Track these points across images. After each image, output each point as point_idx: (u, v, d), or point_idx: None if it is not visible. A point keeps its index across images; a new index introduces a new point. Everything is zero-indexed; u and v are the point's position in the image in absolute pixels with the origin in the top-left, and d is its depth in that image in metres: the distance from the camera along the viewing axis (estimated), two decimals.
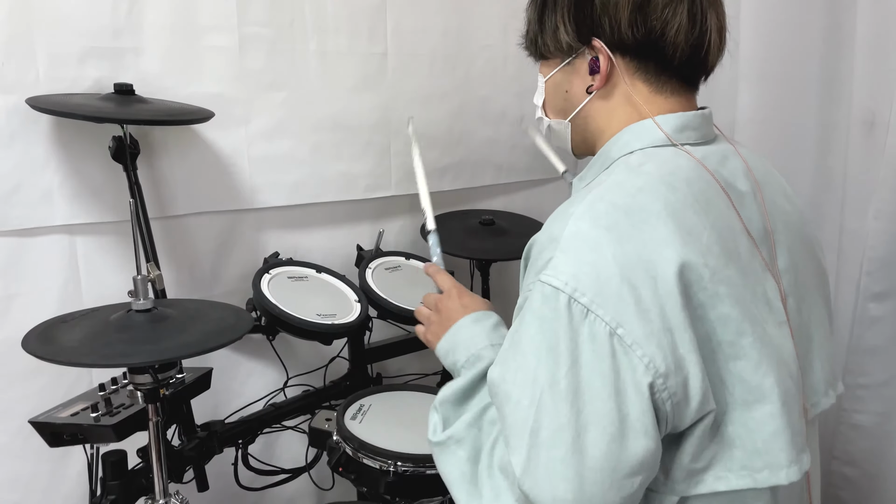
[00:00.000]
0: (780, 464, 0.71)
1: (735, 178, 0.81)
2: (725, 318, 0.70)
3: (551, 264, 0.69)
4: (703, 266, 0.69)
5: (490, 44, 1.89)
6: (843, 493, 1.64)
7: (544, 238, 0.73)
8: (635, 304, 0.66)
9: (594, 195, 0.73)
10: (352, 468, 1.21)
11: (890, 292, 1.51)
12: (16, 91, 1.26)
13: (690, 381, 0.67)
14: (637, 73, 0.81)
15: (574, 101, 0.86)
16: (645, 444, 0.66)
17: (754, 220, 0.80)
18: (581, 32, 0.81)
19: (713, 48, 0.80)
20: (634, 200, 0.71)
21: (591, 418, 0.65)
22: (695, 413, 0.68)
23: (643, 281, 0.67)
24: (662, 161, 0.77)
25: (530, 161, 2.05)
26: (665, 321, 0.66)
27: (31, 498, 1.38)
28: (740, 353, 0.70)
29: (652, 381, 0.65)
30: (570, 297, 0.67)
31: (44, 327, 1.08)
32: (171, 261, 1.48)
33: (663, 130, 0.78)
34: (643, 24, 0.77)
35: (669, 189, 0.73)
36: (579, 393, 0.66)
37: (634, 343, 0.65)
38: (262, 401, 1.59)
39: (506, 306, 0.74)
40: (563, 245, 0.69)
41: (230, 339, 1.09)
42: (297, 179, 1.63)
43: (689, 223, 0.71)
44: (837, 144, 1.58)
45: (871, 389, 1.56)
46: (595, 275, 0.67)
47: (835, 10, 1.53)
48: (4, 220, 1.29)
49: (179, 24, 1.42)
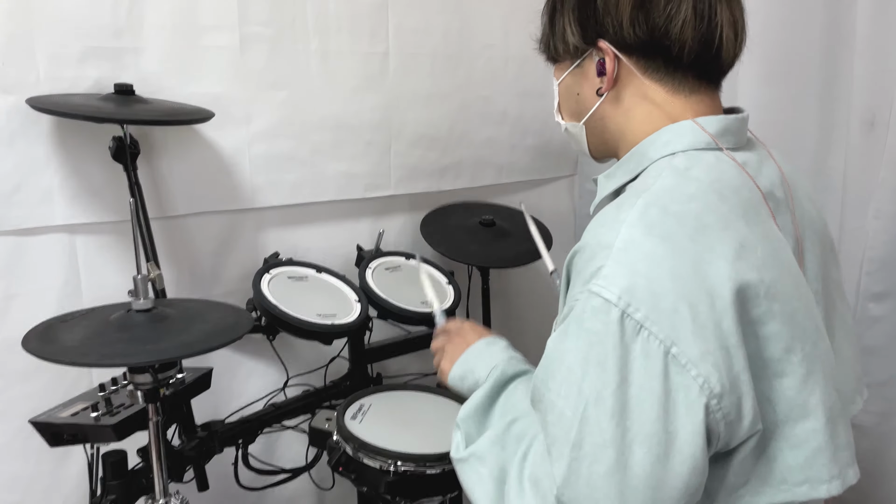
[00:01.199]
0: (821, 479, 0.70)
1: (772, 183, 0.78)
2: (777, 335, 0.68)
3: (602, 274, 0.66)
4: (759, 282, 0.67)
5: (491, 44, 1.89)
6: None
7: (593, 245, 0.70)
8: (691, 322, 0.63)
9: (645, 200, 0.70)
10: (352, 468, 1.21)
11: (890, 292, 1.51)
12: (16, 91, 1.26)
13: (744, 400, 0.65)
14: (647, 73, 0.78)
15: (586, 104, 0.84)
16: (691, 468, 0.64)
17: (788, 227, 0.78)
18: (586, 34, 0.80)
19: (726, 44, 0.77)
20: (688, 208, 0.69)
21: (638, 438, 0.63)
22: (746, 432, 0.67)
23: (699, 297, 0.64)
24: (708, 167, 0.74)
25: (530, 161, 2.05)
26: (721, 339, 0.64)
27: (31, 498, 1.38)
28: (787, 369, 0.68)
29: (707, 402, 0.63)
30: (623, 311, 0.64)
31: (44, 327, 1.08)
32: (171, 261, 1.48)
33: (708, 132, 0.76)
34: (645, 21, 0.75)
35: (720, 198, 0.70)
36: (627, 411, 0.63)
37: (689, 363, 0.63)
38: (263, 401, 1.59)
39: (506, 306, 0.73)
40: (615, 254, 0.66)
41: (230, 339, 1.09)
42: (297, 179, 1.63)
43: (743, 235, 0.69)
44: (837, 144, 1.58)
45: (871, 389, 1.54)
46: (650, 289, 0.64)
47: (835, 10, 1.53)
48: (4, 220, 1.29)
49: (180, 24, 1.42)
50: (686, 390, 0.63)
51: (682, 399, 0.63)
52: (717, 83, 0.82)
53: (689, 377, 0.63)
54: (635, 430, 0.63)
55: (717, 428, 0.65)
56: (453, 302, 1.63)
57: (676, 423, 0.63)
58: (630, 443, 0.63)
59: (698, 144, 0.76)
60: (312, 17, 1.59)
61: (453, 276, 1.73)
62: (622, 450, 0.63)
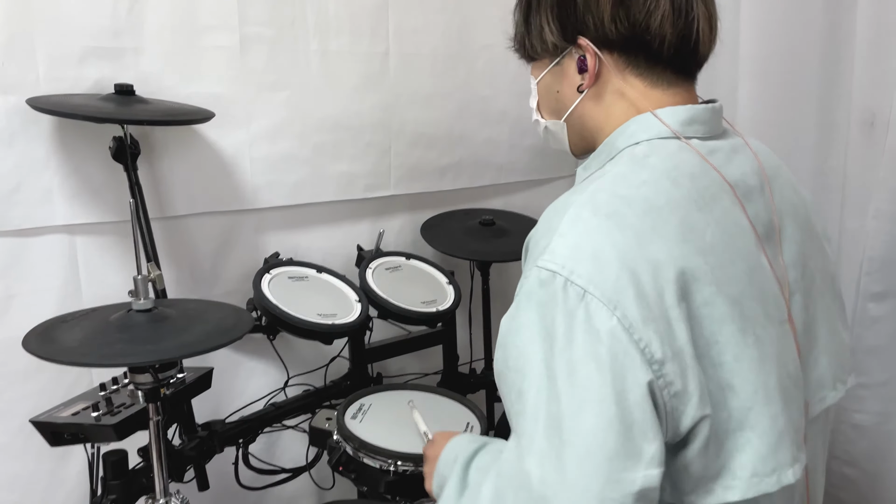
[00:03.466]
0: (786, 463, 0.70)
1: (743, 172, 0.79)
2: (728, 317, 0.69)
3: (548, 249, 0.68)
4: (703, 265, 0.68)
5: (491, 44, 1.89)
6: (843, 493, 1.63)
7: (542, 228, 0.73)
8: (634, 288, 0.65)
9: (596, 186, 0.73)
10: (352, 467, 1.21)
11: (890, 292, 1.51)
12: (16, 91, 1.26)
13: (688, 373, 0.66)
14: (628, 69, 0.80)
15: (566, 101, 0.85)
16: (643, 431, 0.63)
17: (762, 215, 0.79)
18: (566, 32, 0.81)
19: (703, 38, 0.79)
20: (638, 192, 0.71)
21: (588, 401, 0.63)
22: (694, 410, 0.66)
23: (642, 267, 0.66)
24: (668, 154, 0.76)
25: (530, 161, 2.05)
26: (662, 310, 0.65)
27: (32, 498, 1.38)
28: (744, 352, 0.69)
29: (649, 367, 0.64)
30: (566, 279, 0.65)
31: (44, 327, 1.08)
32: (171, 261, 1.48)
33: (666, 123, 0.77)
34: (626, 18, 0.77)
35: (673, 184, 0.72)
36: (574, 375, 0.64)
37: (631, 327, 0.64)
38: (263, 400, 1.59)
39: (506, 306, 0.73)
40: (561, 230, 0.69)
41: (230, 339, 1.09)
42: (297, 179, 1.64)
43: (692, 220, 0.70)
44: (837, 144, 1.58)
45: (871, 389, 1.56)
46: (593, 258, 0.66)
47: (835, 10, 1.53)
48: (4, 220, 1.29)
49: (180, 24, 1.42)
50: (630, 354, 0.64)
51: (628, 363, 0.64)
52: (693, 77, 0.83)
53: (632, 340, 0.64)
54: (583, 393, 0.64)
55: (662, 396, 0.65)
56: (453, 302, 1.63)
57: (625, 386, 0.63)
58: (580, 406, 0.63)
59: (663, 134, 0.78)
60: (312, 17, 1.59)
61: (453, 275, 1.73)
62: (574, 413, 0.63)
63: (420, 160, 1.84)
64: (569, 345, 0.65)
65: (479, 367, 1.89)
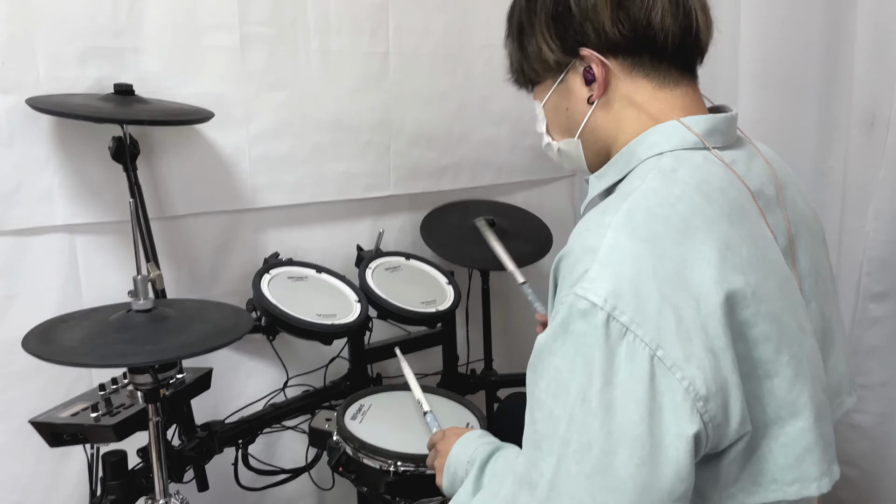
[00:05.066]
0: (811, 477, 0.70)
1: (762, 182, 0.79)
2: (765, 336, 0.68)
3: (587, 277, 0.66)
4: (745, 284, 0.67)
5: (491, 43, 1.88)
6: (843, 493, 1.63)
7: (578, 249, 0.69)
8: (676, 324, 0.63)
9: (631, 203, 0.70)
10: (352, 468, 1.21)
11: (890, 292, 1.51)
12: (16, 91, 1.26)
13: (731, 402, 0.65)
14: (635, 71, 0.79)
15: (577, 117, 0.83)
16: (675, 472, 0.63)
17: (780, 225, 0.78)
18: (566, 45, 0.80)
19: (702, 27, 0.79)
20: (674, 210, 0.69)
21: (623, 439, 0.63)
22: (734, 434, 0.66)
23: (684, 300, 0.64)
24: (695, 167, 0.74)
25: (530, 161, 2.05)
26: (707, 342, 0.64)
27: (31, 498, 1.38)
28: (777, 370, 0.68)
29: (693, 405, 0.63)
30: (608, 314, 0.64)
31: (44, 327, 1.08)
32: (171, 261, 1.48)
33: (695, 132, 0.76)
34: (627, 18, 0.76)
35: (706, 200, 0.70)
36: (612, 412, 0.63)
37: (675, 366, 0.63)
38: (263, 401, 1.59)
39: (506, 307, 0.73)
40: (600, 258, 0.66)
41: (230, 339, 1.09)
42: (297, 179, 1.63)
43: (728, 237, 0.69)
44: (837, 144, 1.58)
45: (871, 389, 1.56)
46: (635, 292, 0.64)
47: (835, 10, 1.53)
48: (4, 220, 1.29)
49: (180, 24, 1.42)
50: (671, 393, 0.63)
51: (668, 402, 0.63)
52: (694, 73, 0.82)
53: (675, 380, 0.63)
54: (619, 431, 0.63)
55: (705, 431, 0.65)
56: (453, 302, 1.63)
57: (662, 426, 0.63)
58: (615, 444, 0.63)
59: (686, 144, 0.76)
60: (312, 17, 1.59)
61: (453, 276, 1.73)
62: (606, 450, 0.63)
63: (420, 160, 1.83)
64: (608, 382, 0.64)
65: (478, 368, 1.89)
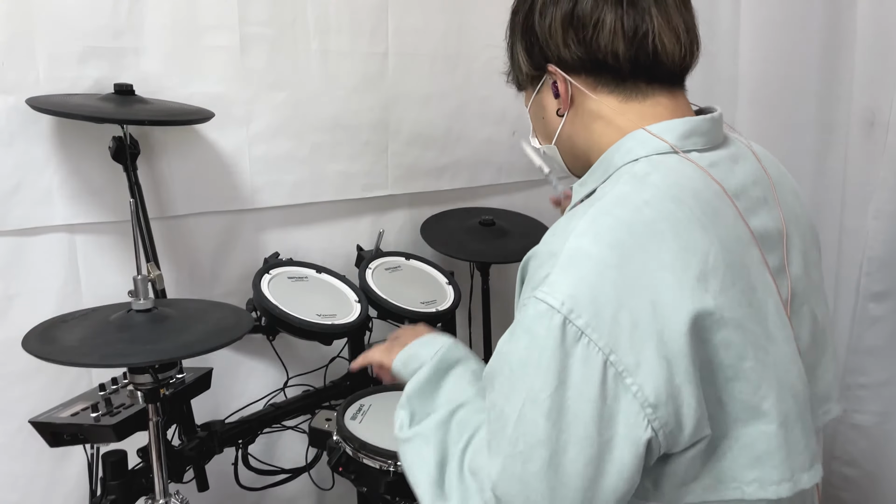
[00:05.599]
0: (770, 480, 0.70)
1: (747, 183, 0.78)
2: (727, 342, 0.68)
3: (548, 281, 0.67)
4: (704, 291, 0.67)
5: (490, 44, 1.87)
6: (843, 493, 1.64)
7: (544, 253, 0.71)
8: (631, 331, 0.65)
9: (598, 209, 0.71)
10: (352, 468, 1.21)
11: (890, 292, 1.51)
12: (16, 91, 1.26)
13: (684, 410, 0.66)
14: (599, 87, 0.79)
15: (552, 126, 0.86)
16: (619, 472, 0.65)
17: (769, 225, 0.78)
18: (534, 60, 0.83)
19: (667, 49, 0.76)
20: (640, 216, 0.69)
21: (571, 439, 0.65)
22: (688, 439, 0.67)
23: (641, 306, 0.65)
24: (668, 170, 0.74)
25: (530, 161, 2.04)
26: (661, 349, 0.65)
27: (31, 498, 1.38)
28: (740, 375, 0.69)
29: (641, 412, 0.65)
30: (565, 317, 0.65)
31: (44, 327, 1.08)
32: (171, 261, 1.48)
33: (662, 138, 0.76)
34: (577, 42, 0.77)
35: (676, 204, 0.70)
36: (563, 413, 0.65)
37: (626, 371, 0.64)
38: (263, 401, 1.59)
39: (506, 306, 0.73)
40: (561, 262, 0.68)
41: (230, 339, 1.09)
42: (297, 179, 1.63)
43: (695, 243, 0.69)
44: (837, 144, 1.58)
45: (871, 389, 1.56)
46: (592, 297, 0.65)
47: (835, 10, 1.53)
48: (4, 220, 1.29)
49: (180, 24, 1.42)
50: (622, 399, 0.65)
51: (618, 407, 0.65)
52: (672, 83, 0.81)
53: (624, 385, 0.65)
54: (570, 431, 0.65)
55: (655, 436, 0.66)
56: (453, 302, 1.63)
57: (612, 428, 0.65)
58: (564, 444, 0.65)
59: (662, 149, 0.76)
60: (312, 17, 1.59)
61: (453, 276, 1.73)
62: (556, 450, 0.65)
63: (418, 159, 1.83)
64: (562, 384, 0.65)
65: None
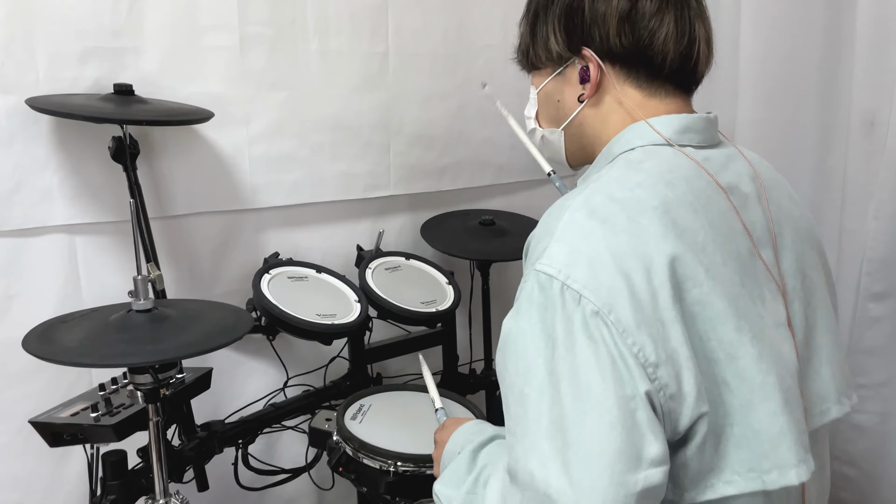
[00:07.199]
0: (789, 463, 0.70)
1: (739, 180, 0.81)
2: (723, 315, 0.69)
3: (546, 253, 0.70)
4: (696, 263, 0.69)
5: (491, 44, 1.89)
6: (843, 493, 1.63)
7: (540, 231, 0.74)
8: (628, 292, 0.66)
9: (591, 189, 0.74)
10: (352, 468, 1.21)
11: (890, 292, 1.51)
12: (16, 91, 1.26)
13: (683, 374, 0.67)
14: (628, 80, 0.82)
15: (566, 110, 0.87)
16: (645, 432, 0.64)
17: (758, 222, 0.80)
18: (571, 42, 0.83)
19: (702, 58, 0.82)
20: (632, 194, 0.72)
21: (589, 405, 0.64)
22: (691, 410, 0.67)
23: (636, 271, 0.67)
24: (663, 159, 0.77)
25: (530, 161, 2.02)
26: (656, 312, 0.66)
27: (31, 498, 1.38)
28: (740, 350, 0.70)
29: (643, 371, 0.65)
30: (563, 283, 0.67)
31: (44, 327, 1.08)
32: (171, 261, 1.48)
33: (657, 131, 0.79)
34: (631, 33, 0.79)
35: (668, 186, 0.73)
36: (576, 379, 0.65)
37: (626, 331, 0.65)
38: (263, 401, 1.59)
39: (506, 306, 0.73)
40: (557, 235, 0.70)
41: (230, 339, 1.09)
42: (297, 179, 1.63)
43: (686, 221, 0.71)
44: (837, 144, 1.58)
45: (871, 389, 1.56)
46: (588, 262, 0.67)
47: (835, 10, 1.53)
48: (4, 220, 1.29)
49: (180, 24, 1.42)
50: (625, 358, 0.65)
51: (623, 366, 0.65)
52: (690, 90, 0.86)
53: (626, 345, 0.65)
54: (586, 397, 0.65)
55: (657, 399, 0.66)
56: (453, 302, 1.63)
57: (624, 387, 0.65)
58: (583, 412, 0.64)
59: (658, 140, 0.80)
60: (312, 17, 1.59)
61: (453, 276, 1.73)
62: (576, 420, 0.64)
63: (419, 160, 1.83)
64: (570, 349, 0.66)
65: (478, 368, 1.89)
